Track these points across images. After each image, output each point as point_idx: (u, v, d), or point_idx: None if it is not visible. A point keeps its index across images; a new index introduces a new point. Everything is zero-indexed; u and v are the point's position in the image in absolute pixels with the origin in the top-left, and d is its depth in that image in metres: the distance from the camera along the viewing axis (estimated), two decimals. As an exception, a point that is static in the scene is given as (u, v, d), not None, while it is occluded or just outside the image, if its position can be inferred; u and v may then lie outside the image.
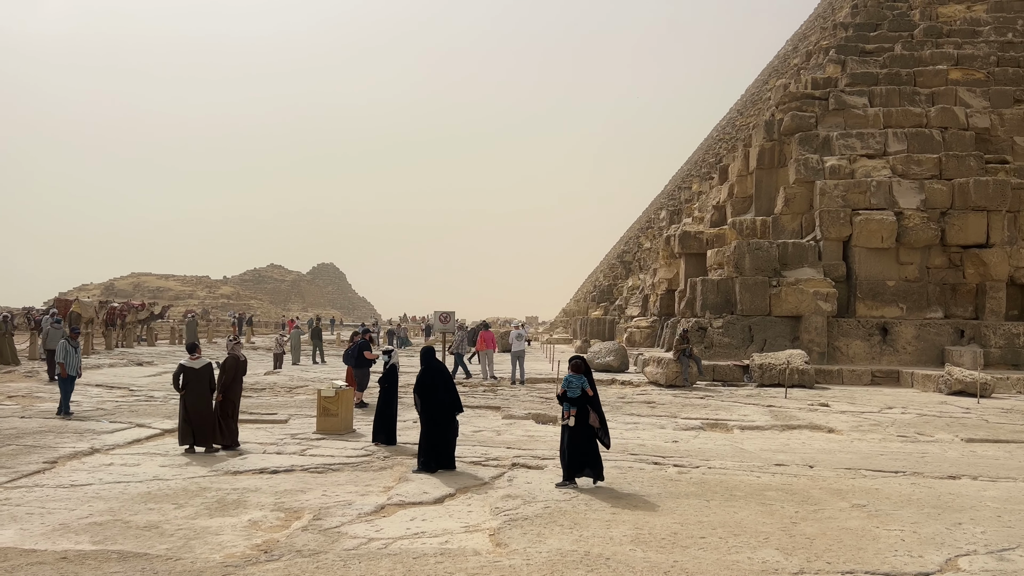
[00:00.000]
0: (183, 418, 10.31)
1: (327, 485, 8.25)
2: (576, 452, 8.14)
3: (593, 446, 8.20)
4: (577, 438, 8.16)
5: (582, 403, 8.23)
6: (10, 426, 11.76)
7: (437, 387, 9.30)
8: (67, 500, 7.53)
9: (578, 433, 8.16)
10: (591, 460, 8.14)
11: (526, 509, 7.05)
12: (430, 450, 8.98)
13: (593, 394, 8.30)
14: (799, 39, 54.23)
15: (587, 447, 8.15)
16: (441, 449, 9.01)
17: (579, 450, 8.14)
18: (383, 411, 11.00)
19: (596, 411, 8.28)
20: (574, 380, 8.28)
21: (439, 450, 8.98)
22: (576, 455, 8.14)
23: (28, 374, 19.84)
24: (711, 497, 7.63)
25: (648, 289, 34.25)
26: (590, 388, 8.29)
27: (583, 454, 8.13)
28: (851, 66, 25.75)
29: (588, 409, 8.25)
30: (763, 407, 15.31)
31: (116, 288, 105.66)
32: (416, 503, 7.42)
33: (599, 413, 8.29)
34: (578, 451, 8.14)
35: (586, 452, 8.14)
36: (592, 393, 8.30)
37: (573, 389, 8.24)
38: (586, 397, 8.26)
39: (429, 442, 9.01)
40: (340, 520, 6.74)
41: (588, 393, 8.26)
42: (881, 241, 21.50)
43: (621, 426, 12.92)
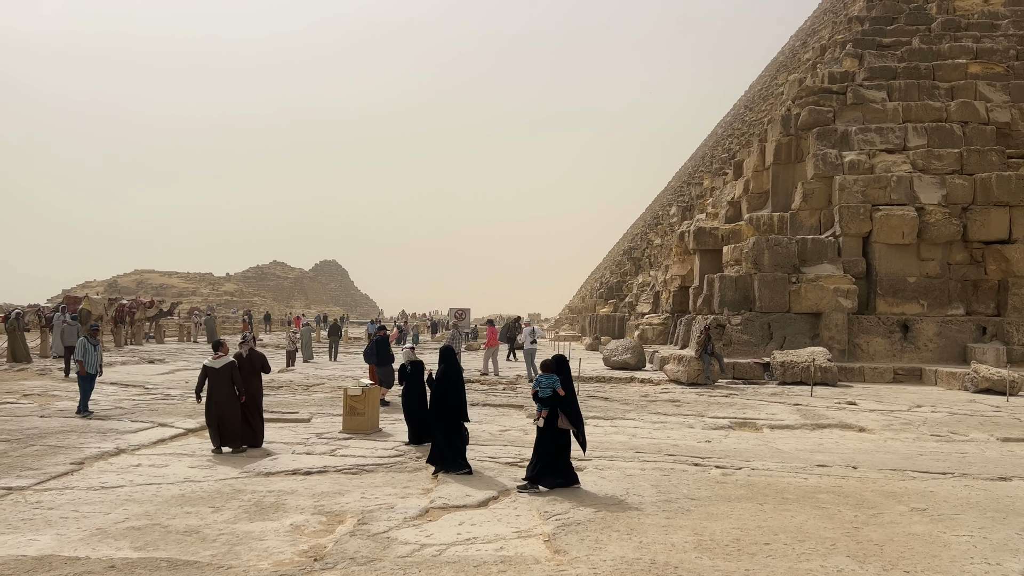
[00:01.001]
0: (210, 419, 10.09)
1: (364, 487, 8.04)
2: (542, 455, 7.90)
3: (562, 451, 7.91)
4: (545, 441, 7.93)
5: (552, 404, 7.98)
6: (31, 426, 11.55)
7: (449, 389, 9.15)
8: (100, 503, 7.32)
9: (546, 435, 7.92)
10: (555, 465, 7.85)
11: (576, 514, 6.82)
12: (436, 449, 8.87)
13: (566, 394, 8.00)
14: (807, 34, 53.90)
15: (553, 450, 7.88)
16: (446, 452, 8.75)
17: (545, 453, 7.89)
18: (416, 410, 10.75)
19: (567, 412, 7.96)
20: (544, 380, 8.04)
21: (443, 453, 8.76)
22: (541, 458, 7.90)
23: (41, 372, 19.63)
24: (763, 500, 7.40)
25: (660, 286, 34.01)
26: (562, 388, 8.00)
27: (547, 457, 7.87)
28: (868, 60, 25.48)
29: (558, 412, 7.96)
30: (790, 406, 15.08)
31: (120, 285, 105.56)
32: (460, 506, 7.20)
33: (571, 415, 7.97)
34: (544, 454, 7.89)
35: (551, 455, 7.86)
36: (564, 393, 8.00)
37: (544, 389, 7.99)
38: (557, 398, 8.00)
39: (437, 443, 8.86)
40: (387, 525, 6.52)
41: (559, 393, 8.00)
42: (902, 237, 21.24)
43: (649, 425, 12.72)
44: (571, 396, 8.07)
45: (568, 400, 8.01)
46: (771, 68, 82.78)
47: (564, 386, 8.00)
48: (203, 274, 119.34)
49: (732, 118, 72.75)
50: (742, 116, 55.95)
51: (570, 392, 8.07)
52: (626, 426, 12.63)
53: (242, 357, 10.90)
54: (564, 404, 7.98)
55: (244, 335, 15.35)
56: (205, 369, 10.40)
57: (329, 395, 16.90)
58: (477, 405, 14.89)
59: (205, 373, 10.38)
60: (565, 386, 8.01)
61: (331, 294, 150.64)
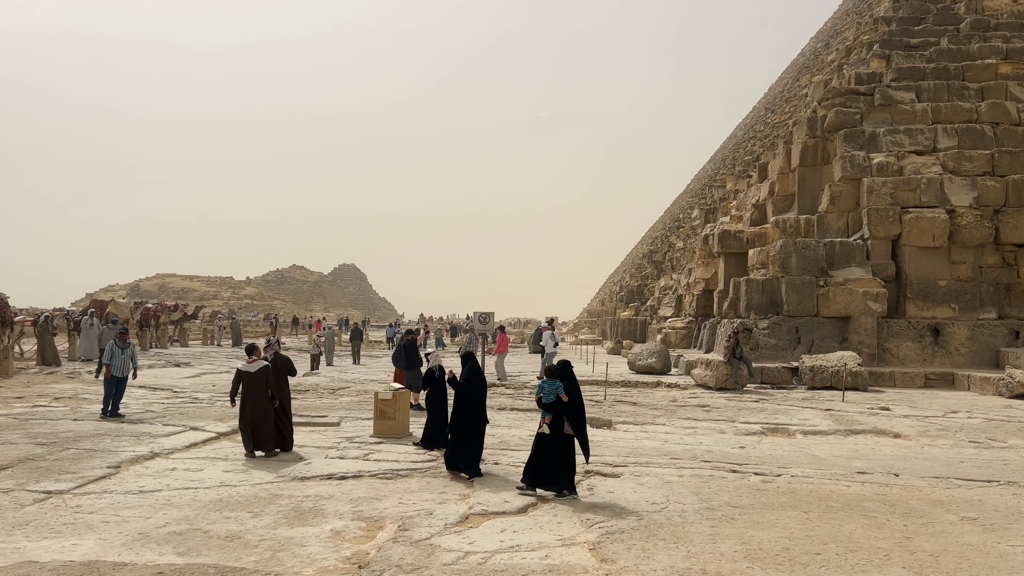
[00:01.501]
0: (244, 423, 10.07)
1: (401, 492, 7.99)
2: (544, 460, 7.81)
3: (567, 457, 7.81)
4: (550, 446, 7.83)
5: (557, 410, 7.90)
6: (65, 429, 11.61)
7: (472, 393, 9.23)
8: (139, 507, 7.32)
9: (552, 441, 7.83)
10: (559, 471, 7.76)
11: (619, 522, 6.72)
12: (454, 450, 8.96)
13: (569, 401, 7.90)
14: (829, 36, 53.43)
15: (559, 457, 7.78)
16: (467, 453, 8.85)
17: (549, 459, 7.79)
18: (437, 415, 10.68)
19: (571, 419, 7.86)
20: (547, 386, 7.98)
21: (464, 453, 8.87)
22: (542, 463, 7.81)
23: (71, 375, 19.79)
24: (807, 508, 7.27)
25: (683, 289, 33.79)
26: (564, 395, 7.90)
27: (553, 464, 7.78)
28: (896, 60, 25.18)
29: (563, 418, 7.88)
30: (822, 411, 14.88)
31: (142, 289, 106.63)
32: (499, 512, 7.13)
33: (574, 421, 7.86)
34: (547, 460, 7.80)
35: (557, 463, 7.77)
36: (567, 400, 7.90)
37: (547, 395, 7.94)
38: (560, 404, 7.92)
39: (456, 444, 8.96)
40: (428, 531, 6.46)
41: (563, 399, 7.91)
42: (932, 240, 20.94)
43: (680, 431, 12.59)
44: (576, 402, 7.96)
45: (572, 406, 7.92)
46: (791, 70, 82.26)
47: (569, 392, 7.90)
48: (224, 278, 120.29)
49: (752, 120, 72.28)
50: (763, 118, 55.54)
51: (575, 398, 7.96)
52: (656, 431, 12.52)
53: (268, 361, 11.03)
54: (567, 410, 7.90)
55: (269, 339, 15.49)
56: (239, 373, 10.40)
57: (356, 399, 16.91)
58: (505, 410, 14.83)
59: (239, 377, 10.38)
60: (571, 392, 7.91)
61: (350, 297, 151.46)
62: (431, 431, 10.59)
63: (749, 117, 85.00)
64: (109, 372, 13.23)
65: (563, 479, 7.84)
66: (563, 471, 7.84)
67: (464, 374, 9.44)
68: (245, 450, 10.02)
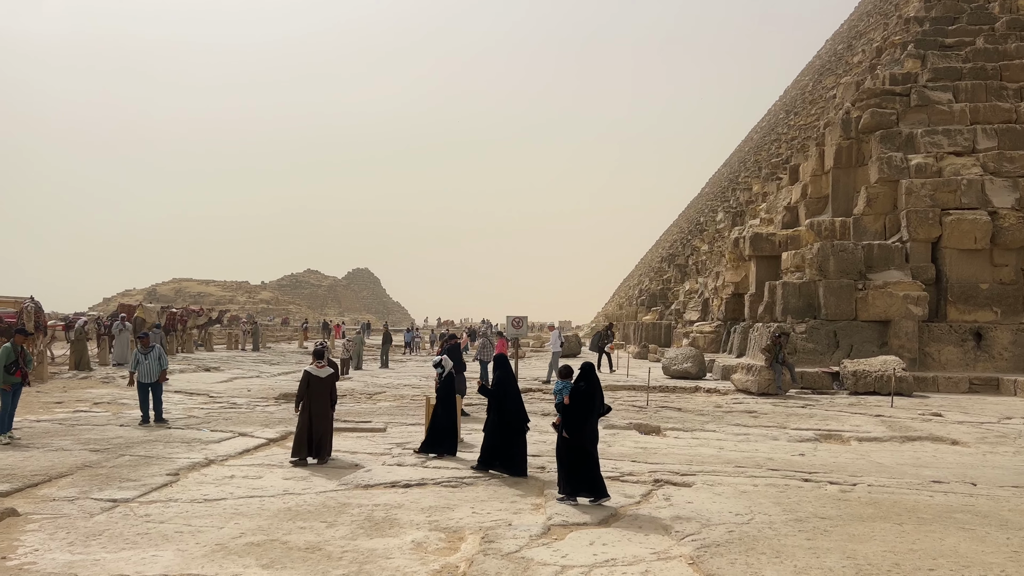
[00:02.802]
0: (304, 428, 9.87)
1: (471, 501, 7.79)
2: (570, 466, 7.64)
3: (588, 462, 7.61)
4: (569, 451, 7.66)
5: (564, 412, 7.75)
6: (115, 435, 11.49)
7: (508, 395, 9.40)
8: (208, 516, 7.16)
9: (570, 446, 7.66)
10: (585, 477, 7.58)
11: (710, 533, 6.50)
12: (489, 450, 9.19)
13: (572, 404, 7.70)
14: (851, 37, 53.01)
15: (578, 461, 7.59)
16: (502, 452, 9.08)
17: (572, 465, 7.62)
18: (443, 422, 10.42)
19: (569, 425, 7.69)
20: (558, 386, 7.99)
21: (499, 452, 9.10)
22: (571, 470, 7.63)
23: (105, 380, 19.74)
24: (899, 520, 7.01)
25: (710, 293, 33.48)
26: (567, 396, 7.75)
27: (576, 470, 7.61)
28: (932, 61, 24.83)
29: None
30: (872, 417, 14.58)
31: (159, 293, 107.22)
32: (580, 524, 6.92)
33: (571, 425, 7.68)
34: (571, 465, 7.63)
35: (578, 468, 7.59)
36: (569, 403, 7.71)
37: (559, 396, 7.88)
38: (561, 407, 7.78)
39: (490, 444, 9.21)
40: (516, 544, 6.25)
41: (565, 402, 7.75)
42: (974, 242, 20.59)
43: (732, 437, 12.35)
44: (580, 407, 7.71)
45: (572, 409, 7.72)
46: (807, 72, 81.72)
47: (582, 395, 7.70)
48: (240, 282, 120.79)
49: (771, 123, 71.83)
50: (783, 121, 55.11)
51: (579, 403, 7.71)
52: (708, 438, 12.27)
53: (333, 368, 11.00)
54: (567, 413, 7.75)
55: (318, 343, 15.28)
56: (308, 376, 10.11)
57: (394, 403, 16.76)
58: (550, 415, 14.60)
59: (307, 380, 10.10)
60: (583, 395, 7.70)
61: (364, 302, 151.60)
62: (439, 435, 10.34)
63: (765, 120, 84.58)
64: (133, 380, 13.09)
65: (597, 484, 7.63)
66: (588, 476, 7.63)
67: (496, 379, 9.66)
68: (295, 456, 9.76)
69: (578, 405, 7.80)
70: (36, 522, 6.84)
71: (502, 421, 9.26)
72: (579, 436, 7.74)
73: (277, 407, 15.57)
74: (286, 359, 32.25)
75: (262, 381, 21.71)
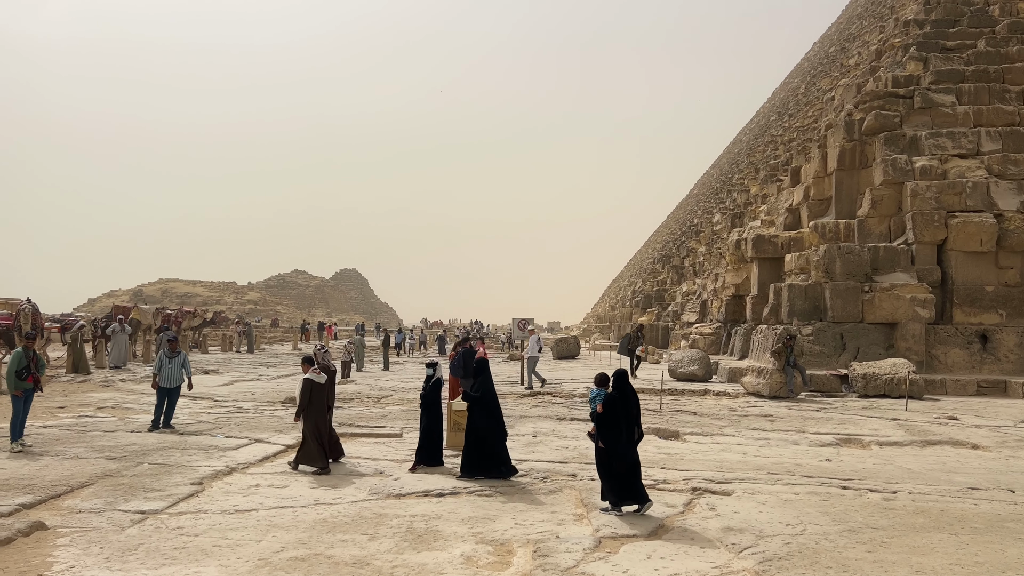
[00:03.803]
0: (314, 437, 9.64)
1: (510, 512, 7.59)
2: (609, 475, 7.50)
3: (620, 468, 7.45)
4: (609, 460, 7.51)
5: (598, 421, 7.63)
6: (128, 442, 11.18)
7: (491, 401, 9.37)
8: (244, 529, 6.92)
9: (609, 455, 7.51)
10: (618, 484, 7.44)
11: (767, 545, 6.33)
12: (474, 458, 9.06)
13: (605, 412, 7.56)
14: (844, 40, 53.18)
15: (619, 470, 7.44)
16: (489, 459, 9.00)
17: (612, 474, 7.48)
18: (428, 430, 9.82)
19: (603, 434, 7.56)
20: (591, 394, 7.96)
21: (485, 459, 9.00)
22: (611, 479, 7.48)
23: (105, 383, 19.35)
24: (952, 530, 6.89)
25: (709, 294, 33.43)
26: (600, 405, 7.63)
27: (617, 479, 7.46)
28: (934, 63, 24.87)
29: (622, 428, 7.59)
30: (888, 420, 14.51)
31: (144, 294, 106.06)
32: (631, 536, 6.74)
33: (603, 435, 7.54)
34: (611, 474, 7.48)
35: (619, 477, 7.45)
36: (602, 411, 7.58)
37: (592, 404, 7.84)
38: (595, 415, 7.67)
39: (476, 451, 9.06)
40: (571, 558, 6.06)
41: (598, 410, 7.63)
42: (980, 244, 20.62)
43: (753, 442, 12.21)
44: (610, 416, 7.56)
45: (603, 418, 7.57)
46: (795, 75, 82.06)
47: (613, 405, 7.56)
48: (227, 283, 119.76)
49: (763, 125, 72.01)
50: (776, 123, 55.23)
51: (611, 412, 7.56)
52: (729, 443, 12.13)
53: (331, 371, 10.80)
54: (600, 421, 7.60)
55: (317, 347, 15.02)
56: (312, 384, 9.91)
57: (402, 407, 16.51)
58: (565, 420, 14.43)
59: (310, 389, 9.89)
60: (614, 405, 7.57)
61: (351, 302, 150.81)
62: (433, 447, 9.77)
63: (755, 122, 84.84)
64: (156, 383, 12.78)
65: (630, 492, 7.48)
66: (628, 484, 7.48)
67: (477, 386, 9.47)
68: (316, 466, 9.50)
69: (612, 413, 7.61)
70: (66, 536, 6.58)
71: (487, 427, 9.12)
72: (614, 444, 7.56)
73: (285, 411, 15.29)
74: (282, 361, 31.88)
75: (263, 384, 21.40)
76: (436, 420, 9.95)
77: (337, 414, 14.94)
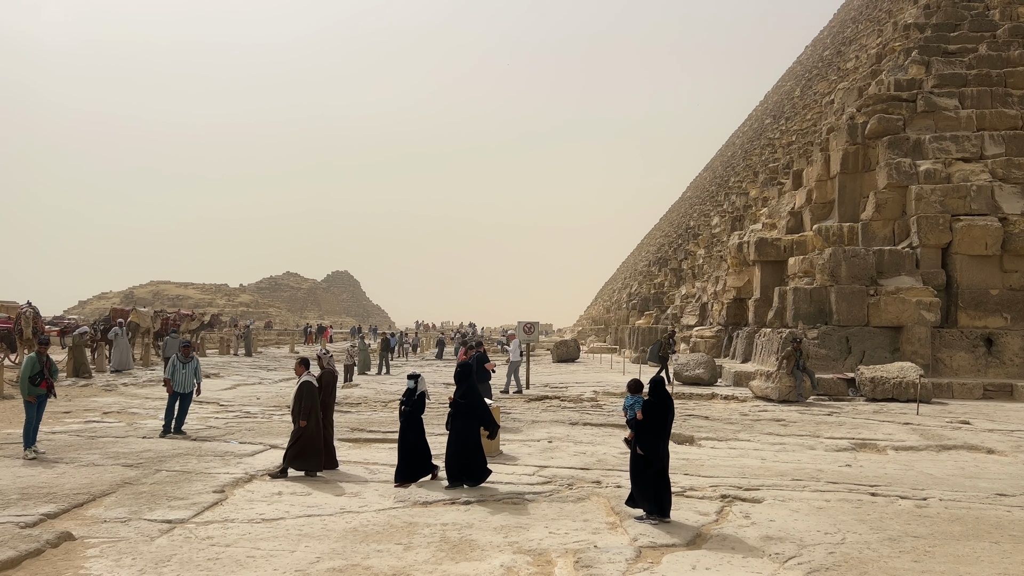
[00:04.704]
0: (311, 439, 9.56)
1: (542, 520, 7.49)
2: (645, 483, 7.44)
3: (653, 477, 7.39)
4: (646, 467, 7.45)
5: (636, 428, 7.59)
6: (142, 448, 11.02)
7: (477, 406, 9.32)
8: (275, 539, 6.80)
9: (647, 462, 7.46)
10: (651, 493, 7.38)
11: (811, 556, 6.26)
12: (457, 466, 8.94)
13: (645, 419, 7.51)
14: (840, 43, 53.37)
15: (653, 476, 7.40)
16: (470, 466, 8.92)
17: (648, 481, 7.42)
18: (415, 445, 9.24)
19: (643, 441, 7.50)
20: (627, 401, 7.88)
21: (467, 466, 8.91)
22: (646, 487, 7.43)
23: (107, 388, 19.11)
24: (993, 538, 6.83)
25: (709, 297, 33.43)
26: (640, 411, 7.59)
27: (644, 484, 7.43)
28: (937, 67, 24.94)
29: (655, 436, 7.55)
30: (901, 424, 14.49)
31: (136, 296, 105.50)
32: (670, 545, 6.66)
33: (645, 441, 7.48)
34: (647, 482, 7.42)
35: (650, 481, 7.40)
36: (642, 418, 7.53)
37: (630, 412, 7.75)
38: (634, 422, 7.62)
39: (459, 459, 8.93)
40: (615, 569, 5.97)
41: (637, 417, 7.59)
42: (985, 248, 20.66)
43: (769, 447, 12.15)
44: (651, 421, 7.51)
45: (644, 424, 7.52)
46: (788, 78, 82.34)
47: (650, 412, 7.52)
48: (219, 285, 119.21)
49: (753, 128, 72.22)
50: (772, 126, 55.37)
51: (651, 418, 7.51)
52: (745, 448, 12.08)
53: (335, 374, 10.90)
54: (640, 428, 7.54)
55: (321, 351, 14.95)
56: (311, 387, 9.81)
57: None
58: (578, 425, 14.34)
59: (309, 390, 9.80)
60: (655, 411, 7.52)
61: (343, 304, 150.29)
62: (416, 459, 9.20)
63: (748, 125, 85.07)
64: (170, 387, 12.62)
65: (654, 500, 7.41)
66: (654, 492, 7.41)
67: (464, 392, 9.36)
68: (310, 469, 9.49)
69: (652, 420, 7.54)
70: (96, 547, 6.44)
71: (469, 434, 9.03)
72: (654, 452, 7.48)
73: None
74: (281, 364, 31.64)
75: (266, 388, 21.23)
76: (422, 434, 9.33)
77: (348, 419, 14.88)
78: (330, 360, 11.20)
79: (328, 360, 11.10)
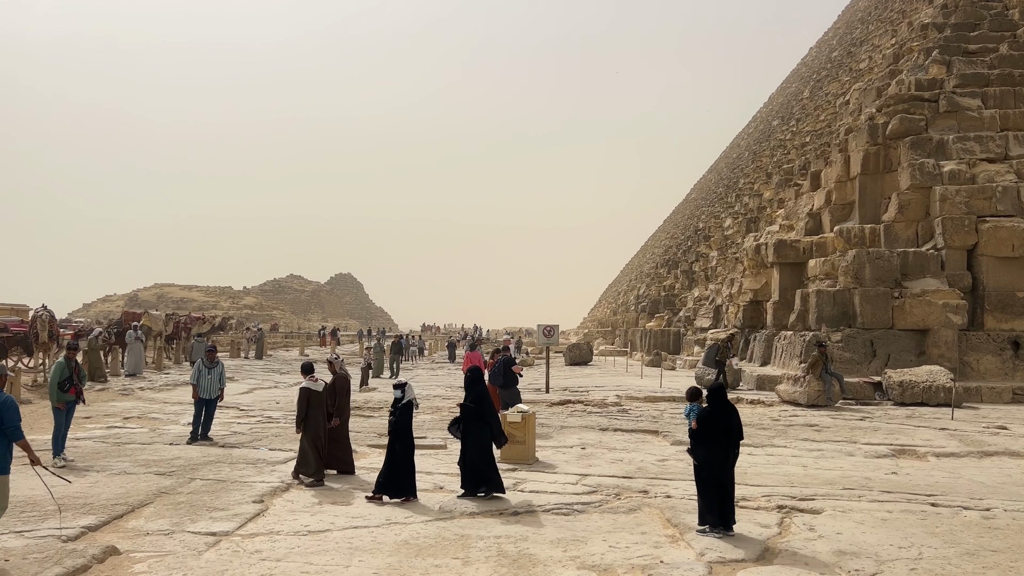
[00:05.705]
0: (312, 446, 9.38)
1: (598, 532, 7.23)
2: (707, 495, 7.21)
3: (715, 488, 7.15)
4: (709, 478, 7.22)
5: (696, 437, 7.37)
6: (171, 455, 10.77)
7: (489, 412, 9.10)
8: (325, 552, 6.54)
9: (710, 473, 7.22)
10: (715, 505, 7.14)
11: (893, 572, 5.99)
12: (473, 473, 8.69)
13: (699, 429, 7.27)
14: (853, 44, 53.09)
15: (708, 488, 7.18)
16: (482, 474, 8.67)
17: (710, 493, 7.19)
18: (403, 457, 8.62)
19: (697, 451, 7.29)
20: (686, 408, 7.77)
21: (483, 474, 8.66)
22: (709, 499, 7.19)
23: (124, 392, 18.88)
24: (1074, 552, 6.56)
25: (724, 299, 33.15)
26: (695, 421, 7.36)
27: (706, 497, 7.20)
28: (958, 66, 24.67)
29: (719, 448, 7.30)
30: (937, 430, 14.20)
31: (140, 299, 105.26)
32: (739, 560, 6.39)
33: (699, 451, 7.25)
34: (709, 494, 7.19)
35: (708, 495, 7.18)
36: (696, 427, 7.30)
37: (689, 420, 7.59)
38: (690, 431, 7.42)
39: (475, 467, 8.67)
40: (692, 586, 5.70)
41: (692, 427, 7.38)
42: (1012, 250, 20.37)
43: (807, 453, 11.90)
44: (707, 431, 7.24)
45: (699, 434, 7.27)
46: (794, 79, 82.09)
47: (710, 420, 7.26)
48: (223, 287, 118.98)
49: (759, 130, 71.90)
50: (781, 127, 55.08)
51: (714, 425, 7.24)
52: (783, 454, 11.83)
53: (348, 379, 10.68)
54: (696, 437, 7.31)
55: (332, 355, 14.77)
56: (309, 393, 9.63)
57: (432, 416, 16.13)
58: (608, 431, 14.08)
59: (307, 397, 9.62)
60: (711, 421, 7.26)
61: (347, 307, 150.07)
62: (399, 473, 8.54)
63: (752, 127, 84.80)
64: (196, 393, 12.37)
65: (728, 513, 7.15)
66: (721, 504, 7.15)
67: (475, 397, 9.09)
68: (312, 476, 9.32)
69: (709, 429, 7.26)
70: (142, 561, 6.19)
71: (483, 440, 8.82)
72: (708, 463, 7.22)
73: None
74: (292, 367, 31.33)
75: (283, 392, 21.00)
76: (410, 448, 8.76)
77: (372, 424, 14.63)
78: (342, 364, 10.93)
79: (340, 364, 10.83)
